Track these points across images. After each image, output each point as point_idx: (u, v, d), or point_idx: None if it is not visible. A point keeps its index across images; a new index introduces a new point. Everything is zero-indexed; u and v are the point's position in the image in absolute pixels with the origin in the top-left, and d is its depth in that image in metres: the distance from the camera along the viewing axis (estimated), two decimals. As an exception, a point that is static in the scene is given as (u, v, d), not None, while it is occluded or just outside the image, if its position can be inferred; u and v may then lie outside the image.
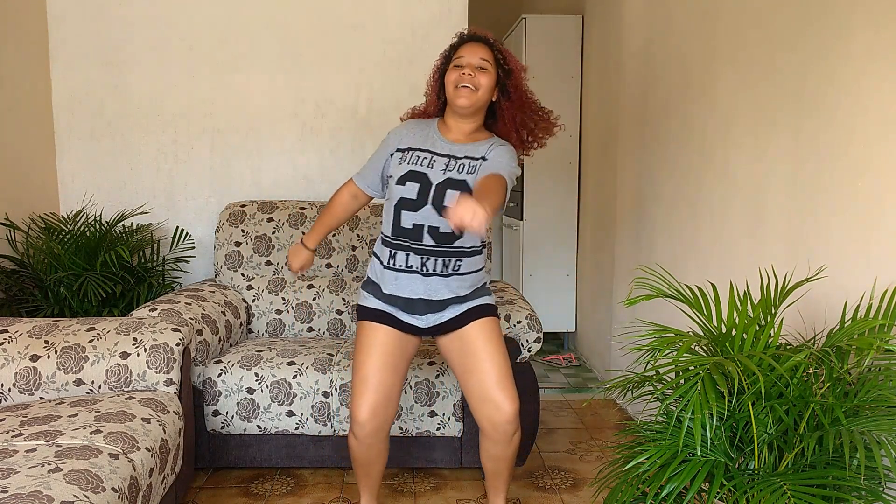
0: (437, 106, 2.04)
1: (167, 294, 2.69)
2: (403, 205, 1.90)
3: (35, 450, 1.63)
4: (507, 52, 1.98)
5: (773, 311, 1.58)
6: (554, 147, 4.22)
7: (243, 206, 3.01)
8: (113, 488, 1.55)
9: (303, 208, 3.01)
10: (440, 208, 1.87)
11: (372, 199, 2.09)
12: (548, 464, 2.67)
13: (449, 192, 1.87)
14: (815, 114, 1.87)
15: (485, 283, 2.04)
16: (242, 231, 2.96)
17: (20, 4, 3.01)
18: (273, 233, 2.96)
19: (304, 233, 2.96)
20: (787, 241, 2.00)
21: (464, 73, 1.88)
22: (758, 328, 1.52)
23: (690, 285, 1.70)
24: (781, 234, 2.03)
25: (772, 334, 1.50)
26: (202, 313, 2.53)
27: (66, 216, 3.11)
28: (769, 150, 2.09)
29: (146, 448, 1.77)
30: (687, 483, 1.41)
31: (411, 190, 1.89)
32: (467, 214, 1.45)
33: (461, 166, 1.90)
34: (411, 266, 1.91)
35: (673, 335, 1.54)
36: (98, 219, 3.07)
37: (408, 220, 1.90)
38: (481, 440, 2.00)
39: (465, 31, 2.01)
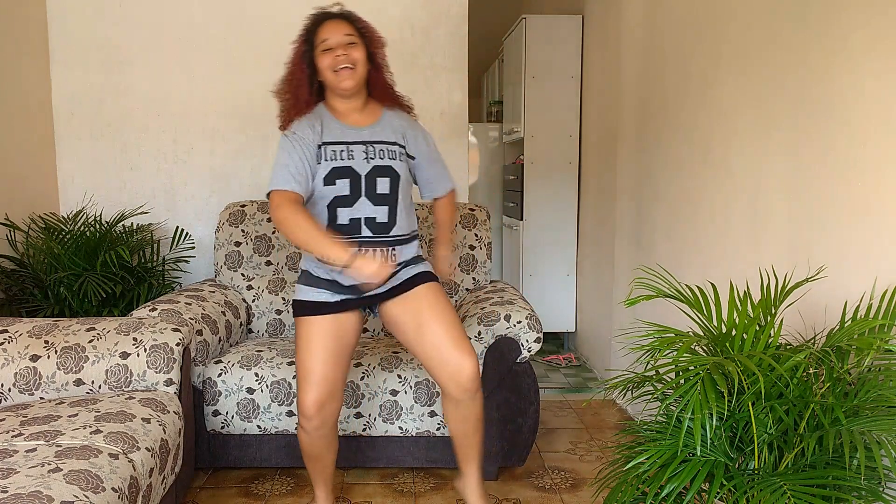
0: (309, 92, 1.91)
1: (167, 294, 2.69)
2: (338, 202, 1.89)
3: (35, 450, 1.63)
4: (362, 20, 1.95)
5: (773, 312, 1.58)
6: (554, 147, 4.25)
7: (243, 206, 3.01)
8: (113, 488, 1.56)
9: (303, 208, 3.01)
10: (374, 198, 1.89)
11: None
12: (548, 464, 2.67)
13: (379, 180, 1.89)
14: (815, 114, 1.87)
15: (419, 255, 2.06)
16: (242, 231, 2.96)
17: (20, 4, 3.01)
18: (273, 233, 2.96)
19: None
20: (787, 240, 2.00)
21: (338, 56, 1.85)
22: (758, 328, 1.52)
23: (690, 285, 1.70)
24: (781, 233, 2.03)
25: (772, 334, 1.50)
26: (202, 313, 2.53)
27: (66, 216, 3.12)
28: (769, 150, 2.09)
29: (146, 448, 1.77)
30: (687, 483, 1.41)
31: (343, 187, 1.88)
32: (451, 269, 2.12)
33: (381, 152, 1.91)
34: None
35: (673, 335, 1.54)
36: (98, 219, 3.07)
37: (344, 216, 1.90)
38: (445, 404, 2.02)
39: (318, 10, 1.94)
